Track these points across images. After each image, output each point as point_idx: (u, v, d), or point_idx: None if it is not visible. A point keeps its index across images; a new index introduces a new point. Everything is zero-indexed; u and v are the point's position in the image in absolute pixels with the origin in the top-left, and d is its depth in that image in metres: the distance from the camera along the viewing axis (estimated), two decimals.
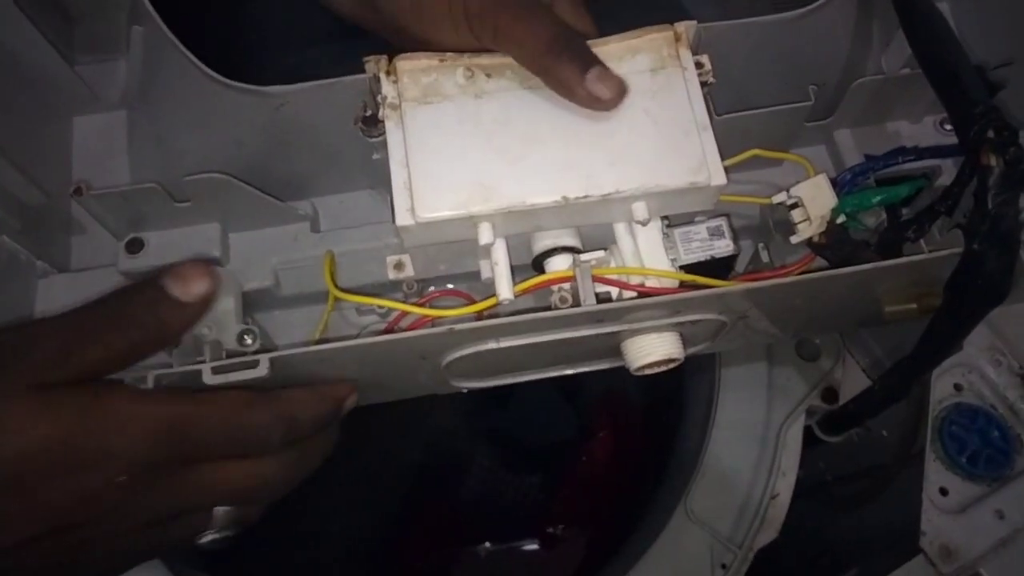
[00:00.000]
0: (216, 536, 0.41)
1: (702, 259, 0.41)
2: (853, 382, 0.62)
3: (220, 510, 0.40)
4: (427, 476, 0.98)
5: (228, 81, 0.45)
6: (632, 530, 0.70)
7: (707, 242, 0.42)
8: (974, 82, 0.36)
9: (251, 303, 0.49)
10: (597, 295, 0.39)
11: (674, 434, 0.69)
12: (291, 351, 0.38)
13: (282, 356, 0.38)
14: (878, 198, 0.45)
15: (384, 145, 0.46)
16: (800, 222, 0.43)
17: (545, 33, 0.40)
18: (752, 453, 0.60)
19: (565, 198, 0.39)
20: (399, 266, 0.44)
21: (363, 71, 0.44)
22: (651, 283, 0.40)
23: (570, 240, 0.42)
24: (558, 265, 0.41)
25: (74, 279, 0.50)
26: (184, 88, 0.49)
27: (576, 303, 0.39)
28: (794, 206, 0.43)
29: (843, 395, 0.63)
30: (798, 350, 0.62)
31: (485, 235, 0.40)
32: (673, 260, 0.41)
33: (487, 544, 0.96)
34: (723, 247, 0.42)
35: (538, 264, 0.42)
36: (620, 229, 0.42)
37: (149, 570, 0.58)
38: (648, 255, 0.41)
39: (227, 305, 0.46)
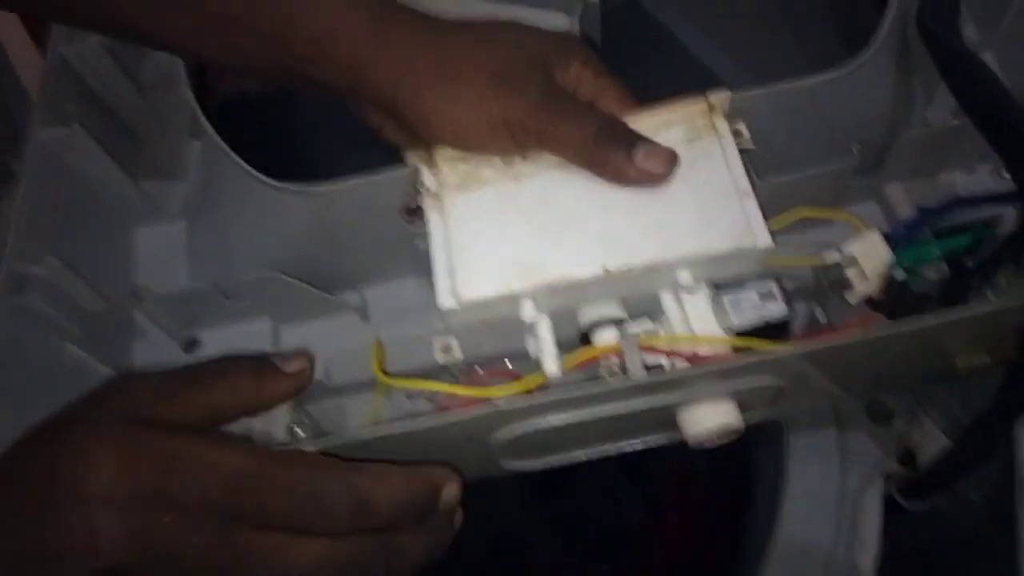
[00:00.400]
0: None
1: (755, 324, 0.40)
2: (932, 444, 0.59)
3: None
4: (492, 570, 0.95)
5: (278, 183, 0.47)
6: None
7: (758, 306, 0.40)
8: None
9: (302, 395, 0.49)
10: (648, 367, 0.38)
11: (745, 510, 0.66)
12: (331, 439, 0.38)
13: (322, 443, 0.38)
14: (938, 251, 0.43)
15: (427, 234, 0.47)
16: (856, 282, 0.42)
17: (587, 129, 0.41)
18: (829, 525, 0.56)
19: (607, 270, 0.39)
20: (446, 349, 0.44)
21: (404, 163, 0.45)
22: (702, 350, 0.39)
23: (616, 312, 0.41)
24: (605, 338, 0.40)
25: None
26: (239, 194, 0.51)
27: (624, 373, 0.38)
28: (848, 265, 0.42)
29: (922, 458, 0.59)
30: (869, 413, 0.59)
31: (528, 312, 0.40)
32: (726, 328, 0.40)
33: None
34: (775, 310, 0.40)
35: (585, 339, 0.42)
36: (667, 299, 0.41)
37: None
38: (697, 322, 0.40)
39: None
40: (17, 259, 0.45)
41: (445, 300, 0.41)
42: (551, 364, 0.40)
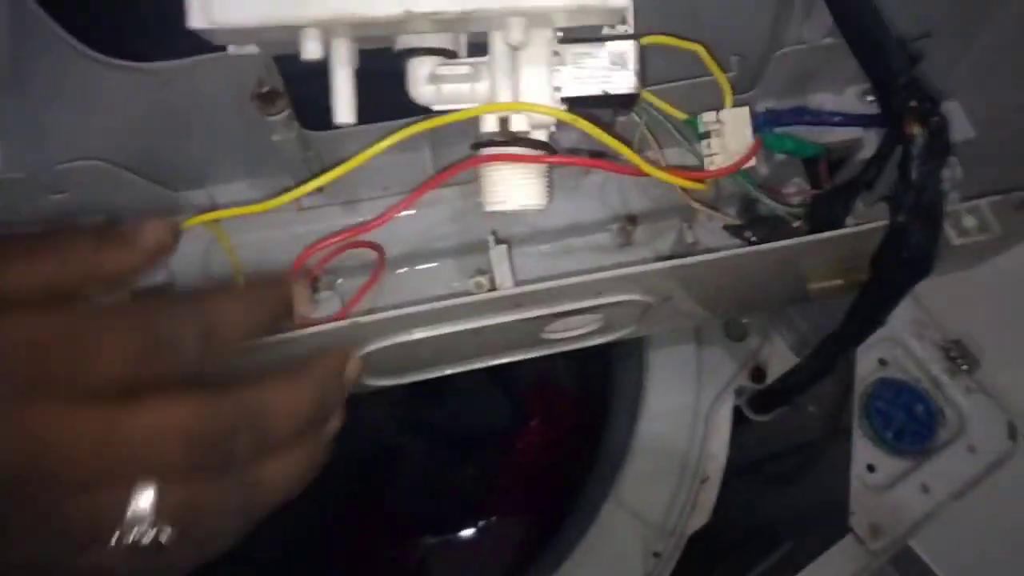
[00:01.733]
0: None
1: (593, 93, 0.33)
2: (781, 360, 0.62)
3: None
4: (361, 473, 0.95)
5: (107, 59, 0.41)
6: (566, 519, 0.68)
7: (604, 72, 0.33)
8: (896, 53, 0.35)
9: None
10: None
11: (605, 420, 0.68)
12: None
13: None
14: (791, 144, 0.44)
15: (284, 125, 0.43)
16: (714, 154, 0.40)
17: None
18: (682, 437, 0.59)
19: (408, 11, 0.32)
20: None
21: None
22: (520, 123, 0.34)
23: (438, 42, 0.34)
24: (422, 73, 0.35)
25: None
26: (60, 68, 0.44)
27: (493, 288, 0.36)
28: (715, 131, 0.41)
29: (771, 374, 0.62)
30: (726, 330, 0.61)
31: (311, 47, 0.34)
32: (557, 89, 0.33)
33: (427, 538, 0.94)
34: (622, 82, 0.33)
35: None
36: (497, 40, 0.33)
37: None
38: (528, 80, 0.33)
39: None
40: None
41: (196, 20, 0.34)
42: (343, 110, 0.35)
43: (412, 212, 0.48)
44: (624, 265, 0.39)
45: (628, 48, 0.34)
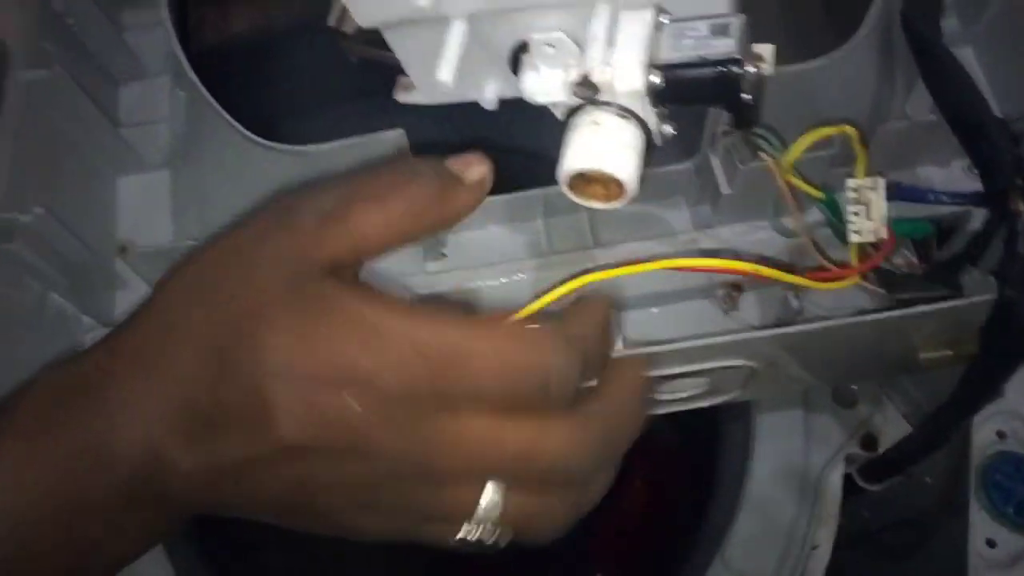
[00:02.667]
0: (479, 532, 0.31)
1: (687, 59, 0.30)
2: (893, 429, 0.61)
3: (491, 497, 0.30)
4: None
5: (266, 143, 0.47)
6: None
7: (703, 40, 0.30)
8: (999, 131, 0.36)
9: None
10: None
11: (710, 483, 0.68)
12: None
13: None
14: (907, 227, 0.44)
15: None
16: (855, 218, 0.39)
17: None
18: (791, 502, 0.59)
19: None
20: None
21: (394, 127, 0.45)
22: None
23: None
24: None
25: None
26: (223, 149, 0.51)
27: None
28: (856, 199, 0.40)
29: (883, 442, 0.61)
30: (835, 396, 0.61)
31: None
32: (651, 64, 0.30)
33: None
34: (722, 47, 0.30)
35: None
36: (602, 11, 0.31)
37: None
38: (622, 48, 0.30)
39: None
40: (4, 206, 0.45)
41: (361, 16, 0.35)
42: (444, 71, 0.33)
43: (524, 276, 0.51)
44: (730, 331, 0.41)
45: (734, 19, 0.31)
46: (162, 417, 0.30)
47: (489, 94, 0.39)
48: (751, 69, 0.30)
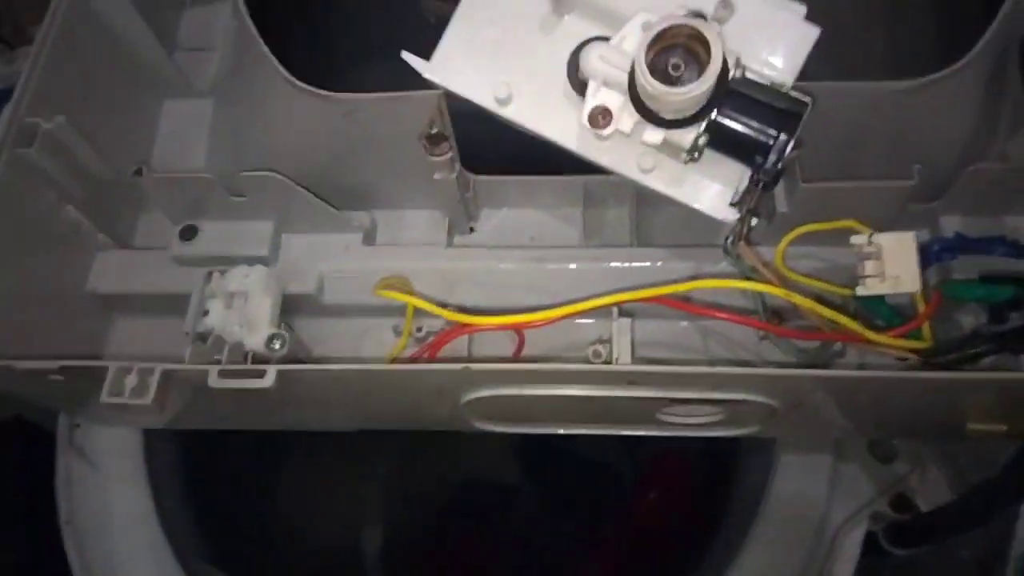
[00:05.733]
0: None
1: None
2: (932, 492, 0.55)
3: None
4: (462, 506, 0.95)
5: (301, 84, 0.45)
6: None
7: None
8: None
9: (292, 308, 0.48)
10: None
11: (720, 513, 0.64)
12: (300, 367, 0.36)
13: (290, 371, 0.36)
14: (980, 292, 0.40)
15: (447, 166, 0.45)
16: (869, 276, 0.38)
17: None
18: (801, 553, 0.54)
19: None
20: None
21: (432, 87, 0.42)
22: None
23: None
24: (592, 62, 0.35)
25: (129, 257, 0.50)
26: (263, 87, 0.49)
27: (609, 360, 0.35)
28: (870, 255, 0.38)
29: (919, 504, 0.56)
30: (872, 448, 0.56)
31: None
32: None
33: None
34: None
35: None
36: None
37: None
38: None
39: (263, 305, 0.45)
40: (29, 110, 0.44)
41: (430, 71, 0.39)
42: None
43: (553, 266, 0.48)
44: (759, 363, 0.37)
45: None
46: None
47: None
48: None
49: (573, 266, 0.47)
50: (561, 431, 0.44)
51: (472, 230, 0.52)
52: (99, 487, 0.57)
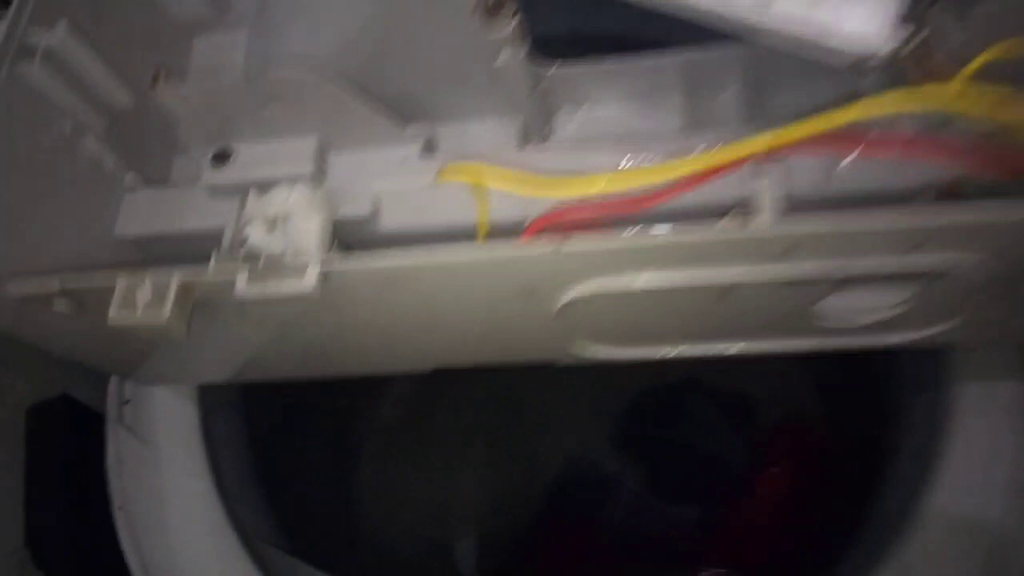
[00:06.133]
0: None
1: None
2: None
3: None
4: (565, 494, 0.87)
5: None
6: None
7: None
8: None
9: (345, 236, 0.40)
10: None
11: (881, 478, 0.53)
12: (347, 262, 0.28)
13: (336, 270, 0.28)
14: None
15: (511, 44, 0.37)
16: None
17: None
18: (998, 505, 0.42)
19: None
20: None
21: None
22: None
23: None
24: None
25: (159, 196, 0.44)
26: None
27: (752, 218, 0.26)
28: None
29: None
30: None
31: None
32: None
33: None
34: None
35: None
36: None
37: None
38: None
39: (311, 226, 0.37)
40: (30, 23, 0.38)
41: None
42: None
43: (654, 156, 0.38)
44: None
45: None
46: None
47: None
48: None
49: (677, 160, 0.38)
50: (685, 351, 0.34)
51: (548, 136, 0.43)
52: (154, 469, 0.52)
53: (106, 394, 0.52)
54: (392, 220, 0.41)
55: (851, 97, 0.33)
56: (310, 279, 0.29)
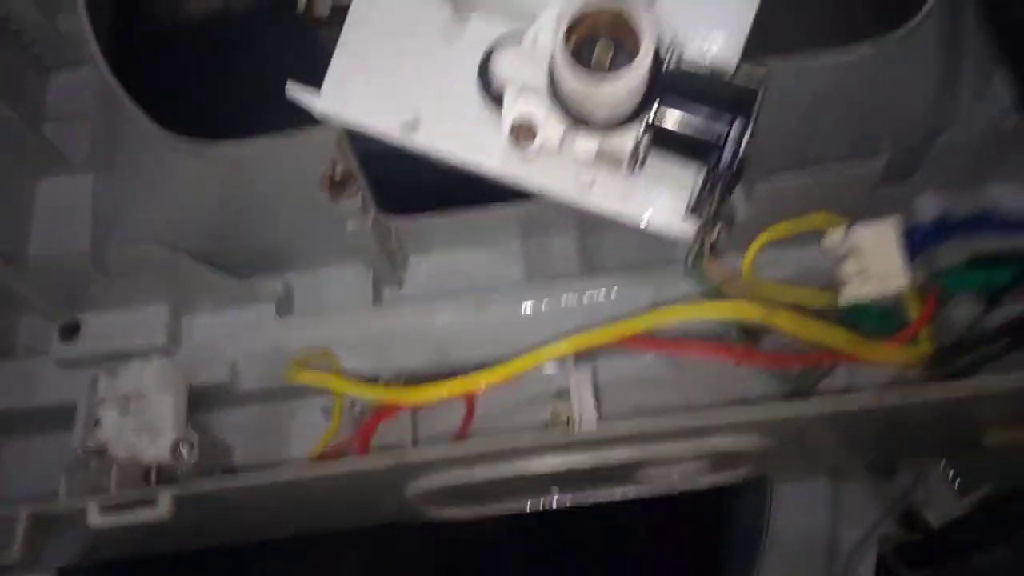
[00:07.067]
0: None
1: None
2: (943, 503, 0.50)
3: None
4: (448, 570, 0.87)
5: (178, 138, 0.39)
6: None
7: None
8: None
9: (204, 402, 0.41)
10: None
11: (723, 554, 0.58)
12: (199, 486, 0.30)
13: (187, 493, 0.29)
14: (977, 280, 0.35)
15: (359, 212, 0.39)
16: (850, 279, 0.33)
17: None
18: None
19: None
20: None
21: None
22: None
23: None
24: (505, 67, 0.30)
25: (4, 368, 0.43)
26: (139, 149, 0.42)
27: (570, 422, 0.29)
28: (848, 253, 0.34)
29: (932, 518, 0.51)
30: (868, 466, 0.51)
31: None
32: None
33: None
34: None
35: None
36: None
37: None
38: None
39: (164, 405, 0.38)
40: None
41: (322, 103, 0.33)
42: None
43: (497, 311, 0.42)
44: (741, 393, 0.31)
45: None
46: None
47: None
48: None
49: (519, 308, 0.42)
50: (528, 507, 0.37)
51: (402, 283, 0.46)
52: None
53: None
54: (250, 381, 0.42)
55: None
56: (163, 505, 0.30)
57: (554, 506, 0.36)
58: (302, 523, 0.43)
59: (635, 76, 0.24)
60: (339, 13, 0.42)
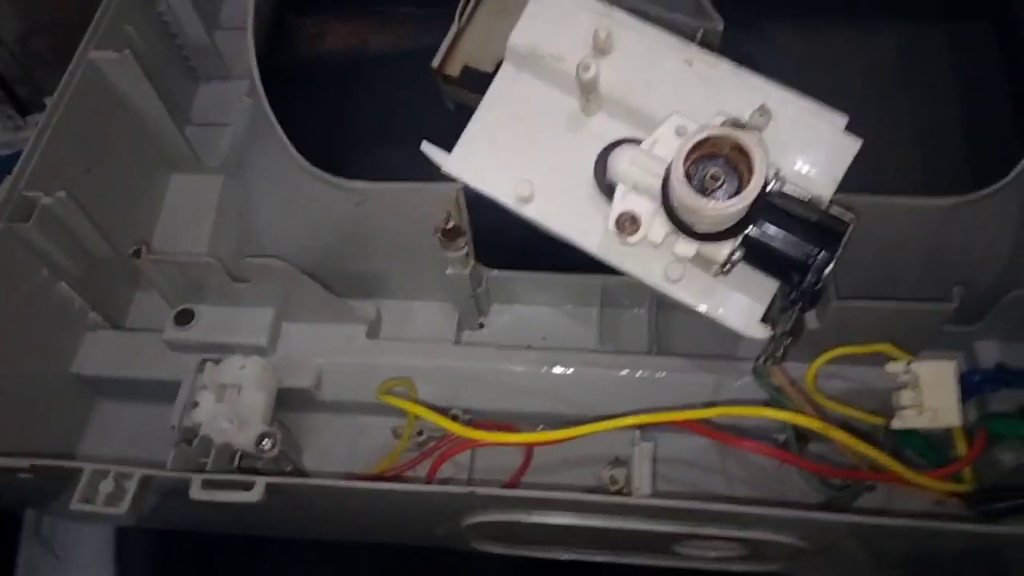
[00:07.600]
0: None
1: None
2: None
3: None
4: None
5: (313, 169, 0.43)
6: None
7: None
8: None
9: (286, 401, 0.45)
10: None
11: None
12: (292, 481, 0.33)
13: (280, 484, 0.33)
14: None
15: (461, 261, 0.43)
16: (906, 408, 0.35)
17: None
18: None
19: None
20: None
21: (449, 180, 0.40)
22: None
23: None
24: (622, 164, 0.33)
25: (120, 339, 0.48)
26: (274, 167, 0.47)
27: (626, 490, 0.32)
28: (908, 384, 0.36)
29: None
30: None
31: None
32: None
33: None
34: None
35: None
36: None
37: None
38: None
39: (257, 400, 0.42)
40: (29, 183, 0.42)
41: (450, 165, 0.37)
42: None
43: (567, 371, 0.45)
44: (783, 493, 0.33)
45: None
46: None
47: None
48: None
49: (586, 372, 0.45)
50: (565, 556, 0.40)
51: (482, 326, 0.49)
52: None
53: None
54: (332, 391, 0.46)
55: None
56: (257, 491, 0.33)
57: (591, 559, 0.39)
58: (355, 531, 0.47)
59: (744, 203, 0.28)
60: (467, 73, 0.47)
